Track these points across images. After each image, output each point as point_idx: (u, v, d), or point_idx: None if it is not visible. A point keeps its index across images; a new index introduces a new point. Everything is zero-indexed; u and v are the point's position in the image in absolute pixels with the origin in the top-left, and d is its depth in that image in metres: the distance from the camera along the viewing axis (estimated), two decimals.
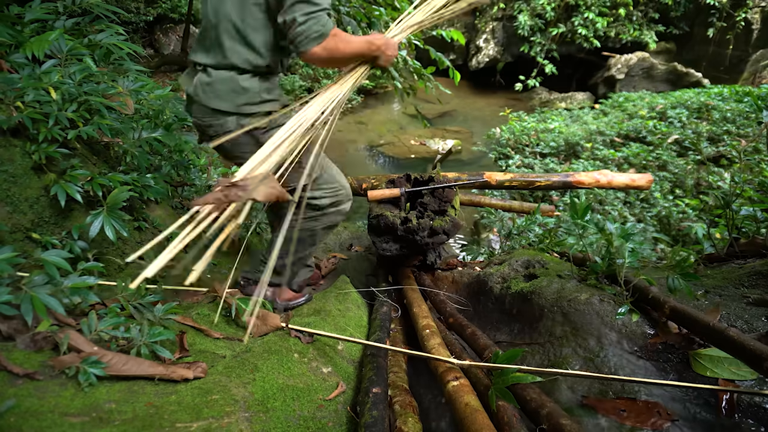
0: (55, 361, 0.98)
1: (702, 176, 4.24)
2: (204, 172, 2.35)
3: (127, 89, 1.68)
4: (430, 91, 3.53)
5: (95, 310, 1.18)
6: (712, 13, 8.63)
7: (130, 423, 0.90)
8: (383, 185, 2.26)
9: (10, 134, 1.32)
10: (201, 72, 1.36)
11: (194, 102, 1.38)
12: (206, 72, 1.35)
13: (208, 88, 1.34)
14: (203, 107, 1.37)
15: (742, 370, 1.08)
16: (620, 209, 3.93)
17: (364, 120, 7.67)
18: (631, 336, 1.29)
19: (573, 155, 5.32)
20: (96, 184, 1.38)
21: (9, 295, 0.97)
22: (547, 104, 8.57)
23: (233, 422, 0.98)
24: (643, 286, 1.36)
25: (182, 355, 1.21)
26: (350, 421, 1.20)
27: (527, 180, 2.80)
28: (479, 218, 4.27)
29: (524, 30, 8.62)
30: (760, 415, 1.00)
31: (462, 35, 3.31)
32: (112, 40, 1.69)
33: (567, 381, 1.21)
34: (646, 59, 8.33)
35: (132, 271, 1.54)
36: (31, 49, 1.43)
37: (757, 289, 1.36)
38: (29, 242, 1.29)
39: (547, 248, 2.21)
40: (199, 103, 1.37)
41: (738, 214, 1.70)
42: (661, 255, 3.01)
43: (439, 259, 2.24)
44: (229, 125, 1.36)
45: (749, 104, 5.23)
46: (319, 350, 1.42)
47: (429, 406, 1.36)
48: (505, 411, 1.06)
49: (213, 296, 1.54)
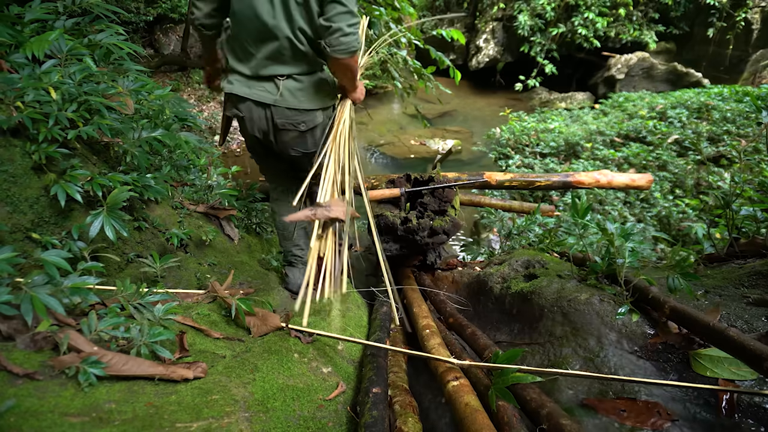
0: (55, 361, 0.98)
1: (702, 176, 4.24)
2: (204, 172, 2.35)
3: (127, 89, 1.68)
4: (430, 91, 3.54)
5: (95, 310, 1.18)
6: (712, 13, 8.62)
7: (130, 423, 0.90)
8: (383, 185, 2.26)
9: (10, 134, 1.32)
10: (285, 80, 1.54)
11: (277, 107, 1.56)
12: (294, 79, 1.54)
13: (301, 93, 1.56)
14: (293, 110, 1.57)
15: (742, 370, 1.08)
16: (620, 209, 3.93)
17: (364, 120, 7.67)
18: (631, 336, 1.29)
19: (573, 155, 5.32)
20: (96, 184, 1.38)
21: (9, 295, 0.97)
22: (547, 104, 8.57)
23: (233, 422, 0.98)
24: (643, 286, 1.36)
25: (182, 355, 1.21)
26: (350, 421, 1.20)
27: (527, 180, 2.80)
28: (479, 218, 4.27)
29: (524, 30, 8.62)
30: (760, 415, 1.00)
31: (462, 35, 3.32)
32: (112, 40, 1.69)
33: (567, 381, 1.21)
34: (646, 59, 8.33)
35: (132, 271, 1.54)
36: (31, 49, 1.43)
37: (757, 289, 1.36)
38: (29, 242, 1.29)
39: (547, 248, 2.21)
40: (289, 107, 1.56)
41: (738, 214, 1.70)
42: (661, 255, 3.01)
43: (439, 259, 2.24)
44: (318, 119, 1.62)
45: (749, 104, 5.23)
46: (319, 350, 1.42)
47: (429, 406, 1.36)
48: (505, 411, 1.06)
49: (213, 296, 1.54)
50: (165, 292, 1.42)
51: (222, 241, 2.05)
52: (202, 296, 1.56)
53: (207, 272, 1.82)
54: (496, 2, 9.19)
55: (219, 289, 1.53)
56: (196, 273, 1.75)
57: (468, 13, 10.05)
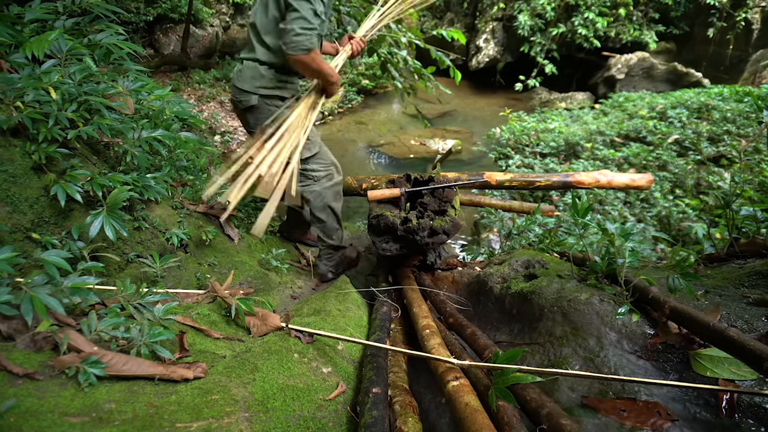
0: (55, 361, 0.98)
1: (702, 176, 4.24)
2: (204, 172, 2.35)
3: (127, 89, 1.68)
4: (431, 91, 3.54)
5: (95, 310, 1.18)
6: (712, 13, 8.62)
7: (130, 423, 0.90)
8: (383, 185, 2.26)
9: (10, 134, 1.32)
10: (239, 62, 1.97)
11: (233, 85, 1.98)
12: (242, 62, 1.96)
13: (239, 74, 1.95)
14: (235, 88, 1.97)
15: (742, 370, 1.08)
16: (620, 209, 3.93)
17: (364, 120, 7.67)
18: (631, 336, 1.29)
19: (573, 155, 5.31)
20: (96, 184, 1.38)
21: (9, 295, 0.97)
22: (547, 104, 8.57)
23: (233, 422, 0.98)
24: (643, 286, 1.36)
25: (182, 355, 1.21)
26: (350, 421, 1.20)
27: (527, 180, 2.80)
28: (479, 218, 4.27)
29: (524, 30, 8.62)
30: (760, 415, 1.00)
31: (462, 35, 3.32)
32: (112, 40, 1.69)
33: (567, 381, 1.21)
34: (646, 59, 8.32)
35: (132, 271, 1.54)
36: (30, 49, 1.43)
37: (757, 289, 1.36)
38: (29, 242, 1.29)
39: (547, 248, 2.20)
40: (234, 85, 1.97)
41: (738, 214, 1.70)
42: (661, 255, 3.01)
43: (439, 259, 2.24)
44: (252, 101, 1.94)
45: (749, 104, 5.23)
46: (319, 350, 1.42)
47: (429, 406, 1.36)
48: (505, 411, 1.06)
49: (213, 296, 1.54)
50: (165, 292, 1.42)
51: (222, 241, 2.05)
52: (202, 296, 1.56)
53: (207, 272, 1.82)
54: (496, 2, 9.19)
55: (219, 289, 1.53)
56: (196, 273, 1.75)
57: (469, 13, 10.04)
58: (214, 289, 1.54)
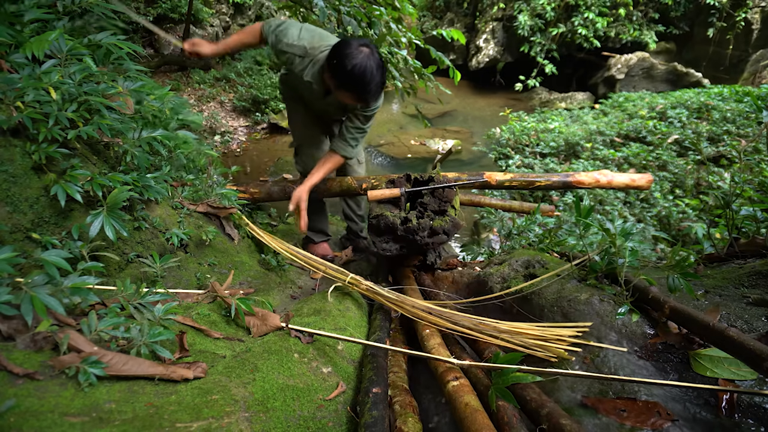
0: (55, 361, 0.98)
1: (702, 176, 4.24)
2: (204, 172, 2.35)
3: (127, 89, 1.68)
4: (431, 91, 3.53)
5: (95, 310, 1.18)
6: (712, 13, 8.62)
7: (130, 423, 0.90)
8: (383, 185, 2.26)
9: (10, 134, 1.32)
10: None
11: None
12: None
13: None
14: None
15: (742, 370, 1.08)
16: (620, 209, 3.93)
17: None
18: (631, 336, 1.29)
19: (573, 155, 5.32)
20: (96, 184, 1.38)
21: (9, 295, 0.97)
22: (547, 104, 8.57)
23: (233, 422, 0.98)
24: (643, 286, 1.36)
25: (182, 355, 1.21)
26: (350, 421, 1.20)
27: (527, 180, 2.80)
28: (479, 218, 4.27)
29: (524, 30, 8.62)
30: (760, 415, 1.00)
31: (462, 35, 3.32)
32: (112, 40, 1.69)
33: (567, 381, 1.21)
34: (646, 59, 8.33)
35: (132, 271, 1.54)
36: (31, 49, 1.43)
37: (757, 289, 1.36)
38: (29, 242, 1.29)
39: (547, 248, 2.20)
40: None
41: (738, 214, 1.70)
42: (661, 255, 3.01)
43: (439, 259, 2.24)
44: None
45: (749, 104, 5.23)
46: (319, 350, 1.42)
47: (429, 406, 1.36)
48: (505, 411, 1.06)
49: (213, 296, 1.54)
50: (165, 292, 1.42)
51: (222, 241, 2.05)
52: (202, 296, 1.56)
53: (207, 272, 1.82)
54: (496, 2, 9.19)
55: (219, 289, 1.53)
56: (196, 273, 1.75)
57: (469, 13, 10.04)
58: (214, 289, 1.54)
